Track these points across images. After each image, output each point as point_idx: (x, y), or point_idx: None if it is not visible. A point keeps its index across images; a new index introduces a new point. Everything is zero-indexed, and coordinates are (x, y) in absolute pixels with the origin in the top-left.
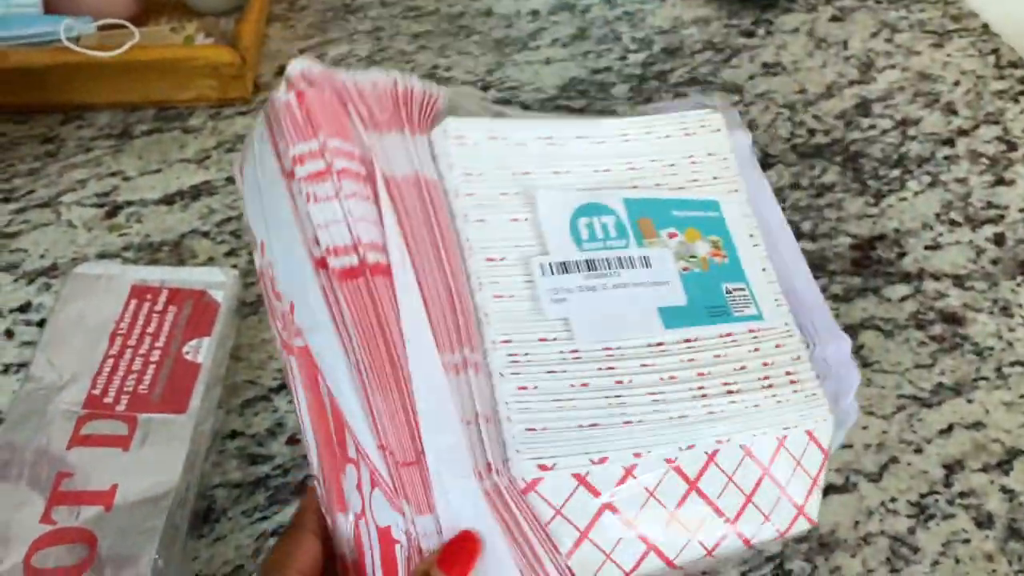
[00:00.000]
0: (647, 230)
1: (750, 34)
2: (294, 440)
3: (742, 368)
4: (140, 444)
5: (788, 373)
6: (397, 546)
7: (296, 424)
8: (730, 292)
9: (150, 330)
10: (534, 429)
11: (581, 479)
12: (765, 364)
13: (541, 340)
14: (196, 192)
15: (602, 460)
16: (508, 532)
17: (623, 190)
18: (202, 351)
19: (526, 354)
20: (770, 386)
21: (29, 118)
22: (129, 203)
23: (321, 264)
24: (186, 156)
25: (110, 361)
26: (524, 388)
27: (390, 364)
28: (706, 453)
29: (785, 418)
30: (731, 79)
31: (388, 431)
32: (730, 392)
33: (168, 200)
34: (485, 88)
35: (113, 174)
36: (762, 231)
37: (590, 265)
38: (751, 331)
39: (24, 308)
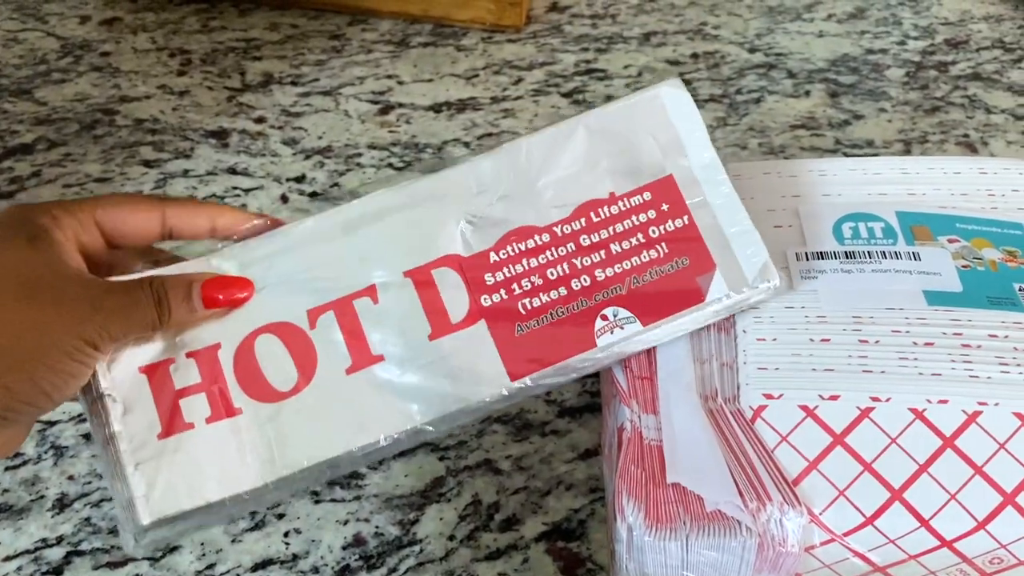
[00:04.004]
0: (921, 234)
1: None
2: None
3: None
4: None
5: None
6: (624, 433)
7: None
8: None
9: None
10: (766, 368)
11: (809, 411)
12: None
13: (787, 308)
14: (462, 105)
15: (833, 397)
16: (732, 456)
17: (897, 206)
18: None
19: (771, 316)
20: None
21: (320, 15)
22: (401, 105)
23: None
24: (456, 72)
25: None
26: (763, 340)
27: None
28: (964, 412)
29: None
30: (1019, 80)
31: (632, 359)
32: (1003, 364)
33: (436, 108)
34: (752, 51)
35: (389, 76)
36: None
37: (848, 255)
38: None
39: (299, 179)
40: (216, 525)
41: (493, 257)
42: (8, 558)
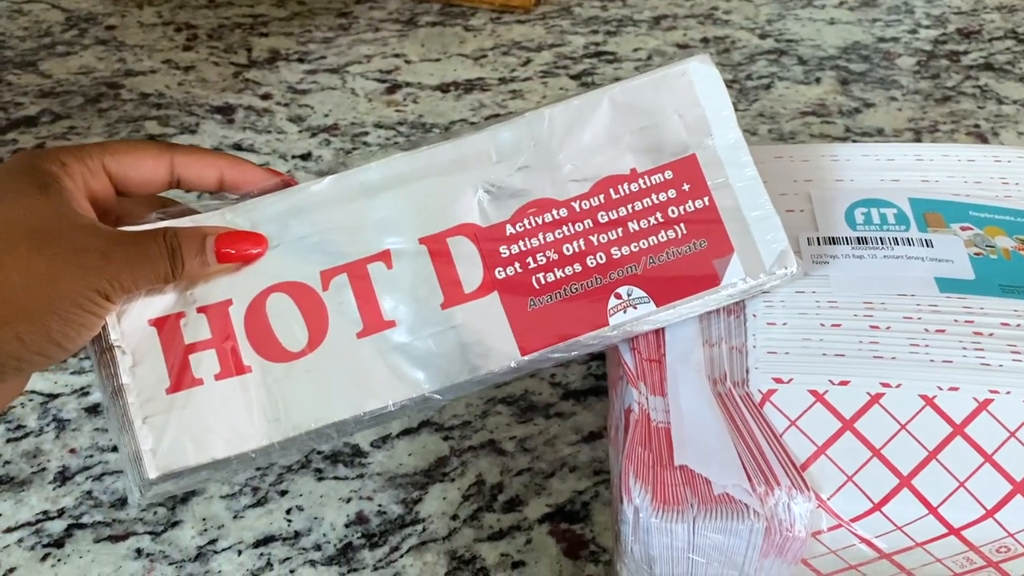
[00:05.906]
0: (934, 221)
1: None
2: None
3: None
4: None
5: None
6: (631, 414)
7: None
8: None
9: None
10: (775, 352)
11: (819, 396)
12: None
13: (798, 292)
14: (470, 86)
15: (843, 383)
16: (741, 440)
17: (910, 192)
18: None
19: (781, 301)
20: None
21: None
22: (408, 84)
23: None
24: (464, 52)
25: None
26: (773, 324)
27: None
28: (975, 399)
29: None
30: None
31: (640, 340)
32: (1015, 352)
33: (443, 88)
34: (763, 37)
35: (397, 55)
36: None
37: (860, 241)
38: None
39: (305, 157)
40: (220, 482)
41: (509, 230)
42: (9, 530)
